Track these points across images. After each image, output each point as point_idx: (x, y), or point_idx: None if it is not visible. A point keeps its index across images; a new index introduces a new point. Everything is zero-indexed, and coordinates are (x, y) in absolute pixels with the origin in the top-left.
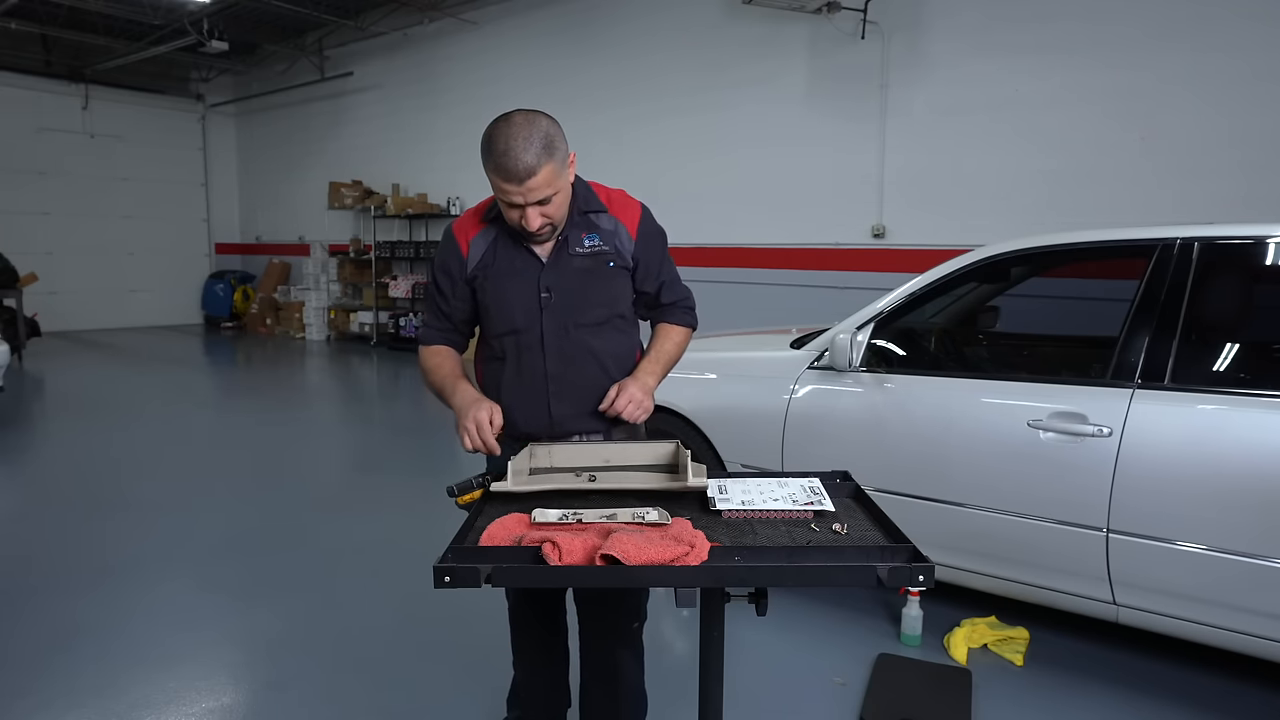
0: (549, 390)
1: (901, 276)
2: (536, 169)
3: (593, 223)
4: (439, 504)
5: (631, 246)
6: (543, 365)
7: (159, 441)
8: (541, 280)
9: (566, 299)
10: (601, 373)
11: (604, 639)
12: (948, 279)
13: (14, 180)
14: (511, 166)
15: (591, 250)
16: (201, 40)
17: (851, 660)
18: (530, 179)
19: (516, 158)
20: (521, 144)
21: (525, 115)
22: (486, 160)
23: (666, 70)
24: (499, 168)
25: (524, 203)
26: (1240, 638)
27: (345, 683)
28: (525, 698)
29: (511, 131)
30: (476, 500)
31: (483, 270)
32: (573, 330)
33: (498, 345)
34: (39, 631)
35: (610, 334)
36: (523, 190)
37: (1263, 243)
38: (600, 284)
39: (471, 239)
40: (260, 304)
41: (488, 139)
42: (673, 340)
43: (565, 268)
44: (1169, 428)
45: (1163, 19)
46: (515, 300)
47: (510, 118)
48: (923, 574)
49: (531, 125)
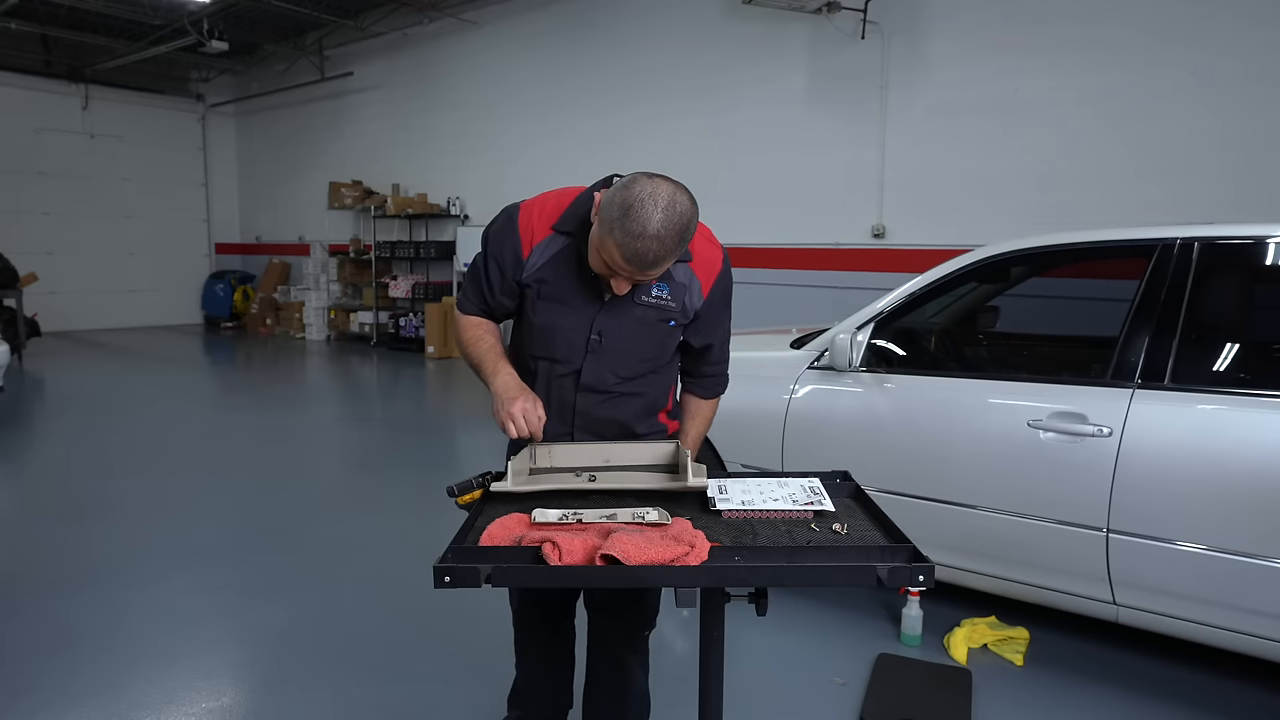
0: (574, 423)
1: (901, 276)
2: (663, 263)
3: (669, 274)
4: (439, 503)
5: (699, 304)
6: (573, 399)
7: (159, 441)
8: (596, 323)
9: (616, 346)
10: (630, 413)
11: (614, 645)
12: (948, 279)
13: (14, 180)
14: (642, 254)
15: (657, 302)
16: (201, 40)
17: (851, 660)
18: (653, 270)
19: (651, 249)
20: (662, 233)
21: (672, 194)
22: (616, 224)
23: (667, 70)
24: (626, 247)
25: (633, 280)
26: (1240, 638)
27: (345, 682)
28: (527, 698)
29: (663, 214)
30: (476, 500)
31: (538, 284)
32: (611, 378)
33: (532, 363)
34: (39, 631)
35: (648, 379)
36: (640, 275)
37: (1262, 243)
38: (654, 340)
39: (536, 243)
40: (260, 304)
41: (628, 205)
42: (706, 420)
43: (624, 316)
44: (1169, 428)
45: (1160, 21)
46: (563, 333)
47: (658, 190)
48: (923, 574)
49: (676, 211)
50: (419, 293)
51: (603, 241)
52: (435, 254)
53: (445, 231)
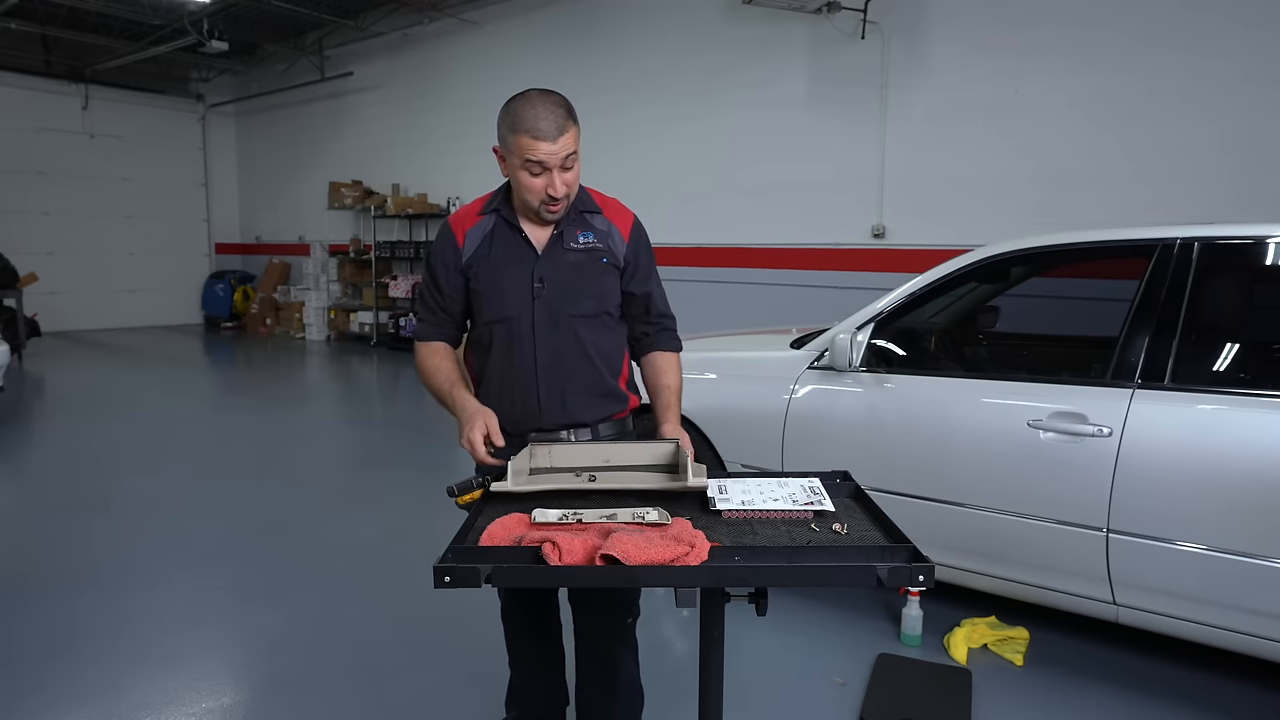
0: (538, 380)
1: (901, 276)
2: (567, 127)
3: (588, 222)
4: (439, 503)
5: (624, 248)
6: (533, 354)
7: (159, 441)
8: (536, 270)
9: (559, 290)
10: (589, 365)
11: (599, 637)
12: (948, 279)
13: (14, 180)
14: (545, 125)
15: (586, 246)
16: (201, 40)
17: (851, 660)
18: (563, 136)
19: (549, 116)
20: (551, 105)
21: (543, 89)
22: (515, 124)
23: (667, 70)
24: (532, 127)
25: (553, 164)
26: (1240, 638)
27: (345, 682)
28: (523, 699)
29: (539, 97)
30: (476, 500)
31: (478, 259)
32: (563, 321)
33: (487, 333)
34: (41, 632)
35: (599, 329)
36: (555, 149)
37: (1262, 243)
38: (592, 278)
39: (468, 230)
40: (260, 304)
41: (514, 106)
42: (675, 372)
43: (559, 260)
44: (1169, 428)
45: (1157, 23)
46: (508, 287)
47: (531, 91)
48: (923, 574)
49: (554, 94)
50: (418, 292)
51: (517, 146)
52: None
53: None
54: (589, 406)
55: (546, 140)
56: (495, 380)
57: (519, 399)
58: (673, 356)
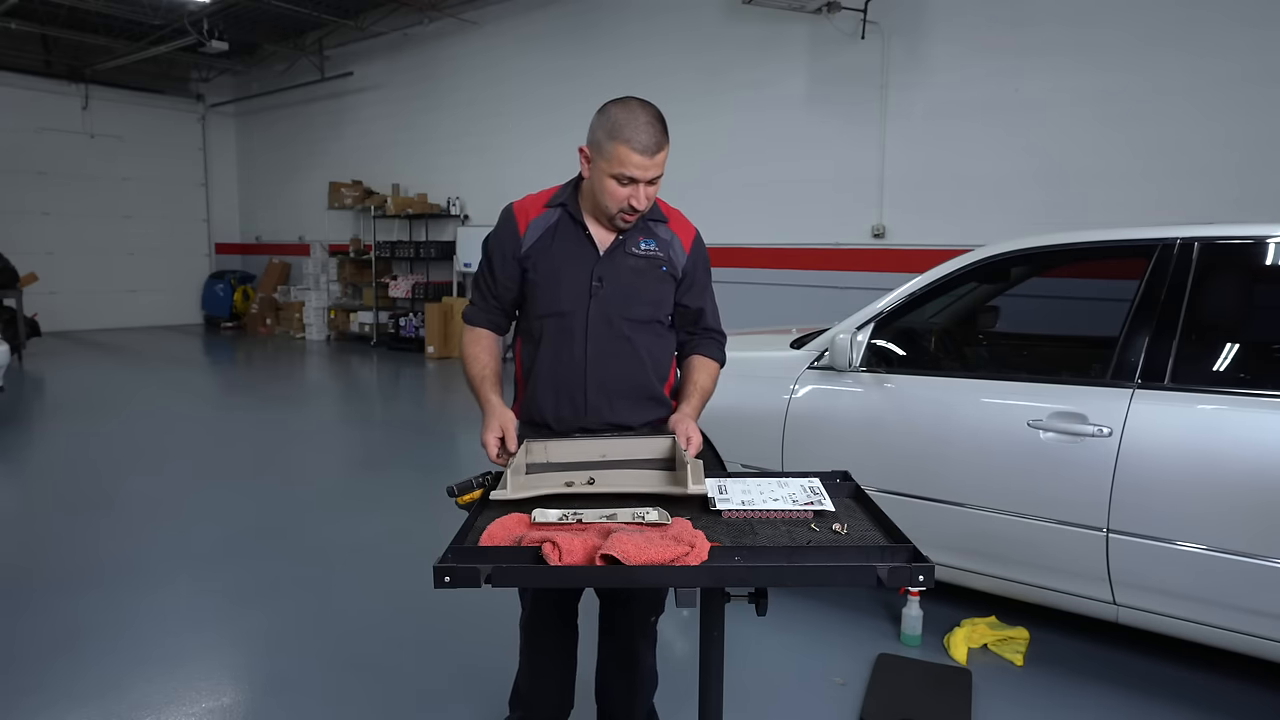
0: (586, 377)
1: (901, 276)
2: (664, 144)
3: (652, 230)
4: (439, 504)
5: (684, 260)
6: (583, 352)
7: (159, 441)
8: (596, 269)
9: (616, 291)
10: (638, 368)
11: (625, 631)
12: (948, 279)
13: (14, 180)
14: (645, 140)
15: (647, 253)
16: (201, 40)
17: (851, 660)
18: (659, 154)
19: (650, 131)
20: (652, 120)
21: (643, 99)
22: (613, 131)
23: (667, 71)
24: (632, 139)
25: (645, 178)
26: (1240, 638)
27: (345, 682)
28: (530, 699)
29: (641, 109)
30: (476, 500)
31: (537, 251)
32: (616, 322)
33: (539, 327)
34: (41, 632)
35: (650, 334)
36: (651, 164)
37: (1262, 243)
38: (649, 285)
39: (531, 220)
40: (260, 304)
41: (614, 113)
42: (709, 375)
43: (620, 264)
44: (1169, 428)
45: (1157, 23)
46: (566, 283)
47: (632, 99)
48: (923, 574)
49: (653, 107)
50: (419, 293)
51: (612, 154)
52: (435, 254)
53: (445, 231)
54: (634, 409)
55: (644, 155)
56: (544, 375)
57: (566, 396)
58: (711, 362)
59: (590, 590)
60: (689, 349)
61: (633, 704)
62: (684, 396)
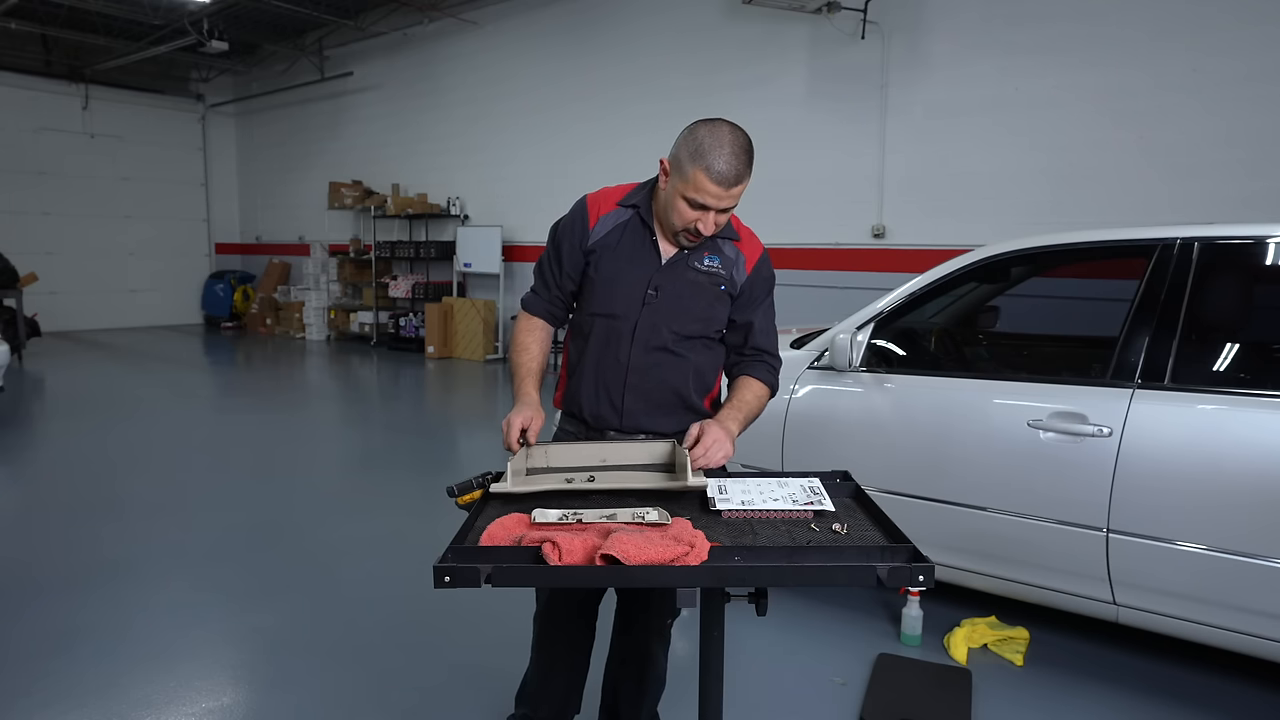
0: (627, 381)
1: (901, 276)
2: (745, 178)
3: (719, 247)
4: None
5: (743, 279)
6: (628, 356)
7: (159, 441)
8: (654, 279)
9: (670, 303)
10: (680, 379)
11: (641, 631)
12: (948, 279)
13: (14, 180)
14: (728, 170)
15: (709, 270)
16: (201, 40)
17: (851, 660)
18: (736, 187)
19: (733, 162)
20: (740, 152)
21: (731, 126)
22: (696, 154)
23: (667, 70)
24: (711, 166)
25: (719, 207)
26: (1240, 638)
27: (346, 682)
28: (539, 696)
29: (731, 137)
30: (476, 500)
31: (604, 247)
32: (665, 334)
33: (589, 323)
34: (40, 631)
35: (698, 347)
36: (726, 195)
37: (1263, 243)
38: (705, 302)
39: (603, 215)
40: (260, 304)
41: (701, 135)
42: (755, 394)
43: (680, 276)
44: (1169, 428)
45: (1160, 20)
46: (623, 286)
47: (722, 123)
48: (923, 574)
49: (740, 135)
50: (419, 293)
51: (690, 177)
52: (435, 254)
53: (445, 231)
54: (670, 419)
55: (721, 185)
56: (587, 372)
57: (604, 396)
58: (758, 384)
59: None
60: (738, 370)
61: (640, 705)
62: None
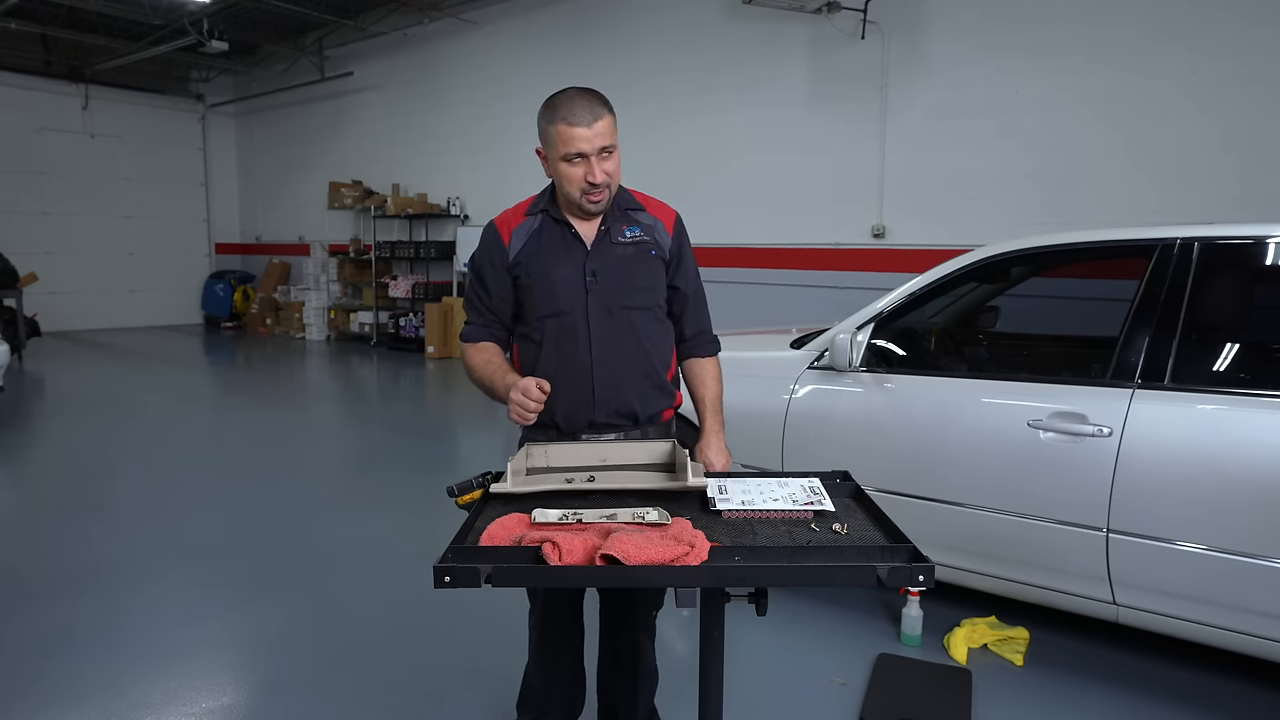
0: (593, 372)
1: (901, 276)
2: (602, 114)
3: (633, 218)
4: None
5: (669, 241)
6: (587, 348)
7: (159, 441)
8: (587, 265)
9: (611, 282)
10: (643, 355)
11: (628, 627)
12: (948, 279)
13: (14, 180)
14: (580, 113)
15: (634, 240)
16: (201, 40)
17: (851, 660)
18: (598, 122)
19: (584, 104)
20: (586, 94)
21: (579, 86)
22: (552, 115)
23: (667, 71)
24: (567, 115)
25: (590, 151)
26: (1240, 638)
27: (345, 682)
28: (544, 699)
29: (574, 90)
30: (476, 500)
31: (527, 256)
32: (617, 313)
33: (539, 329)
34: (39, 631)
35: (651, 321)
36: (593, 134)
37: (1262, 243)
38: (643, 270)
39: (514, 229)
40: (260, 304)
41: (551, 100)
42: (716, 379)
43: (609, 254)
44: (1169, 428)
45: (1160, 22)
46: (560, 281)
47: (567, 88)
48: (923, 574)
49: (588, 88)
50: (419, 293)
51: (555, 138)
52: (435, 254)
53: (445, 231)
54: (643, 398)
55: (582, 126)
56: (548, 375)
57: (572, 393)
58: (709, 362)
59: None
60: (683, 351)
61: (636, 700)
62: (701, 416)
